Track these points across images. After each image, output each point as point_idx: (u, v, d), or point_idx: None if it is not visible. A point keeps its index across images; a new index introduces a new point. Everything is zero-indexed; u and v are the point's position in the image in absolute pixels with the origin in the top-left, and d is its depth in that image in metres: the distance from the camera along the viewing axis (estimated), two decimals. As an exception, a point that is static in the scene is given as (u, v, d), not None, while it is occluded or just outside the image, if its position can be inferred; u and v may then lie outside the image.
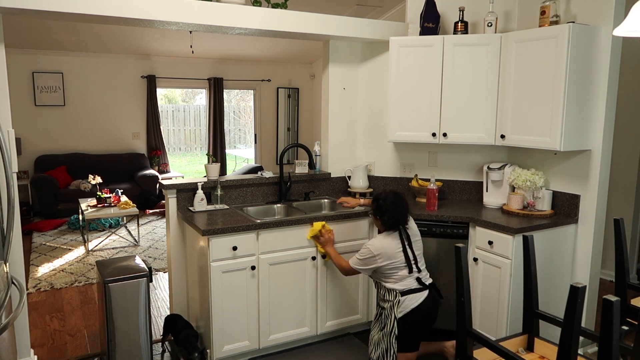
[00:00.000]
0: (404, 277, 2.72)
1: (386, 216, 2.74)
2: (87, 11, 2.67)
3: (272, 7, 3.24)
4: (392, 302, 2.74)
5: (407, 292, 2.71)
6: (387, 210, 2.73)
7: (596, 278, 3.17)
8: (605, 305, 1.60)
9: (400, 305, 2.71)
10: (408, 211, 2.79)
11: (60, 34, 6.51)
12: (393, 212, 2.72)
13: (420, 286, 2.74)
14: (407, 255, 2.72)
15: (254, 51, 8.04)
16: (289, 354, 3.19)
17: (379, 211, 2.77)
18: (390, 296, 2.75)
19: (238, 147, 12.72)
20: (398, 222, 2.74)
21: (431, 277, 3.31)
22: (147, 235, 6.04)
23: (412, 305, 2.70)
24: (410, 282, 2.73)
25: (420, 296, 2.72)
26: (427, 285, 2.77)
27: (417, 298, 2.71)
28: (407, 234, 2.77)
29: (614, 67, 2.94)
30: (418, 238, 2.84)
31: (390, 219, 2.73)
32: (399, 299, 2.71)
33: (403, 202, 2.78)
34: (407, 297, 2.70)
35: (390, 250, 2.71)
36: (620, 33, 1.96)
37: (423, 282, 2.76)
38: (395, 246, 2.72)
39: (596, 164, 3.01)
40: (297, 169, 3.85)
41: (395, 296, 2.72)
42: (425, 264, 2.86)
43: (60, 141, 7.44)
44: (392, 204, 2.73)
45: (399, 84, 3.46)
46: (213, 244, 2.83)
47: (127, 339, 2.79)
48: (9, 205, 2.35)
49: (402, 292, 2.71)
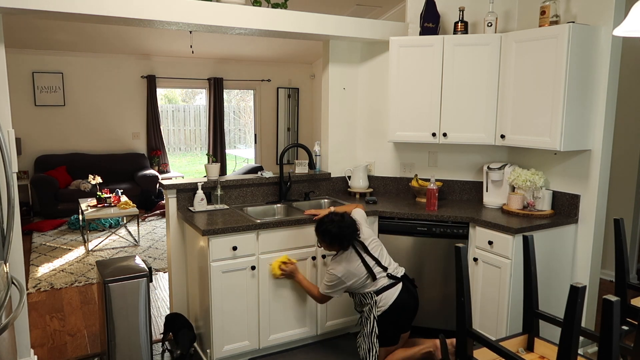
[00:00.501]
0: (374, 281, 2.76)
1: (335, 241, 2.76)
2: (87, 11, 2.67)
3: (272, 7, 3.24)
4: (369, 304, 2.77)
5: (381, 290, 2.75)
6: (344, 236, 2.74)
7: (596, 278, 3.17)
8: (605, 305, 1.60)
9: (377, 304, 2.74)
10: (354, 226, 2.78)
11: (60, 34, 6.51)
12: (348, 236, 2.74)
13: (392, 281, 2.77)
14: (367, 266, 2.75)
15: (254, 51, 8.04)
16: (289, 354, 3.19)
17: (335, 239, 2.76)
18: (366, 299, 2.78)
19: (238, 147, 12.72)
20: (348, 242, 2.76)
21: (430, 277, 3.31)
22: (147, 235, 6.04)
23: (389, 302, 2.73)
24: (382, 282, 2.76)
25: (394, 291, 2.75)
26: (400, 278, 2.80)
27: (393, 293, 2.74)
28: (361, 244, 2.80)
29: (614, 67, 2.94)
30: (373, 237, 2.87)
31: (340, 241, 2.75)
32: (375, 299, 2.75)
33: (344, 221, 2.76)
34: (383, 295, 2.74)
35: (353, 268, 2.75)
36: (620, 33, 1.96)
37: (394, 276, 2.78)
38: (355, 262, 2.75)
39: (596, 164, 3.01)
40: (297, 169, 3.85)
41: (371, 297, 2.75)
42: (388, 255, 2.88)
43: (60, 141, 7.44)
44: (346, 228, 2.74)
45: (399, 84, 3.46)
46: (213, 244, 2.83)
47: (127, 339, 2.79)
48: (9, 205, 2.35)
49: (376, 292, 2.74)
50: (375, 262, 2.78)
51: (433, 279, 3.31)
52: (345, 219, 2.77)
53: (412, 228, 3.30)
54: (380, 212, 3.34)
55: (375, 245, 2.85)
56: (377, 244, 2.87)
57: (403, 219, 3.31)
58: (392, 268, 2.82)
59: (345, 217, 2.78)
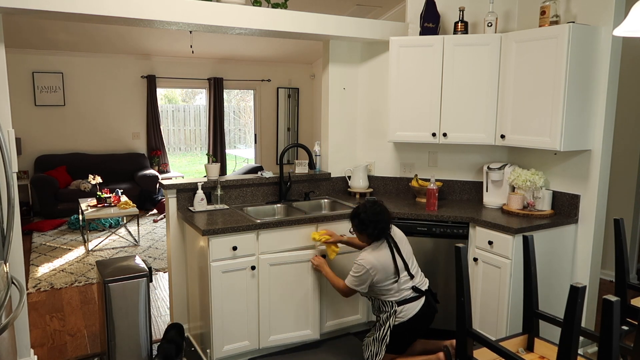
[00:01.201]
0: (399, 289, 2.70)
1: (370, 228, 2.70)
2: (87, 11, 2.67)
3: (272, 7, 3.24)
4: (388, 312, 2.73)
5: (403, 302, 2.69)
6: (370, 222, 2.69)
7: (596, 278, 3.17)
8: (605, 305, 1.60)
9: (397, 315, 2.70)
10: (390, 218, 2.75)
11: (60, 34, 6.51)
12: (375, 222, 2.69)
13: (416, 294, 2.72)
14: (396, 264, 2.69)
15: (254, 51, 8.04)
16: (289, 354, 3.19)
17: (361, 225, 2.72)
18: (386, 307, 2.74)
19: (238, 147, 12.72)
20: (383, 230, 2.71)
21: (430, 277, 3.31)
22: (147, 235, 6.04)
23: (409, 314, 2.69)
24: (406, 293, 2.70)
25: (416, 305, 2.71)
26: (424, 292, 2.75)
27: (414, 307, 2.70)
28: (394, 241, 2.75)
29: (614, 67, 2.94)
30: (405, 242, 2.82)
31: (375, 230, 2.70)
32: (395, 309, 2.70)
33: (383, 209, 2.74)
34: (404, 307, 2.69)
35: (382, 260, 2.68)
36: (620, 33, 1.96)
37: (419, 289, 2.74)
38: (386, 256, 2.69)
39: (596, 164, 3.01)
40: (297, 169, 3.85)
41: (392, 306, 2.71)
42: (418, 267, 2.84)
43: (60, 141, 7.44)
44: (373, 214, 2.69)
45: (399, 84, 3.46)
46: (213, 244, 2.83)
47: (127, 339, 2.79)
48: (9, 205, 2.35)
49: (398, 302, 2.69)
50: (404, 265, 2.71)
51: (433, 279, 3.31)
52: (382, 207, 2.72)
53: (412, 228, 3.30)
54: (380, 212, 3.34)
55: (407, 250, 2.79)
56: (409, 249, 2.80)
57: (403, 219, 3.31)
58: (418, 279, 2.77)
59: (382, 206, 2.74)
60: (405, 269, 2.71)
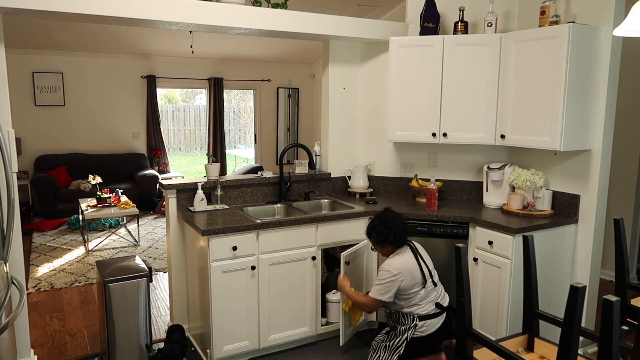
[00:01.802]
0: (424, 298, 2.61)
1: (390, 235, 2.63)
2: (87, 11, 2.67)
3: (272, 7, 3.24)
4: (408, 325, 2.62)
5: (426, 317, 2.61)
6: (387, 229, 2.63)
7: (596, 278, 3.17)
8: (605, 305, 1.60)
9: (416, 329, 2.60)
10: (404, 221, 2.71)
11: (60, 34, 6.51)
12: (392, 228, 2.63)
13: (438, 310, 2.64)
14: (422, 270, 2.61)
15: (254, 51, 8.04)
16: (289, 354, 3.19)
17: (380, 237, 2.65)
18: (406, 320, 2.63)
19: (238, 147, 12.72)
20: (403, 234, 2.65)
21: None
22: (147, 235, 6.04)
23: (429, 331, 2.61)
24: (429, 307, 2.61)
25: (438, 321, 2.63)
26: (445, 308, 2.68)
27: (435, 324, 2.62)
28: (415, 247, 2.70)
29: (614, 67, 2.94)
30: (424, 252, 2.78)
31: (397, 235, 2.63)
32: (416, 322, 2.60)
33: (395, 215, 2.70)
34: (425, 323, 2.60)
35: (409, 264, 2.59)
36: (620, 33, 1.96)
37: (441, 305, 2.66)
38: (412, 260, 2.61)
39: (596, 164, 3.01)
40: (297, 169, 3.85)
41: (413, 320, 2.60)
42: (439, 282, 2.76)
43: (60, 141, 7.44)
44: (387, 220, 2.64)
45: (399, 84, 3.46)
46: (213, 244, 2.83)
47: (127, 339, 2.79)
48: (9, 205, 2.35)
49: (420, 317, 2.60)
50: (429, 273, 2.65)
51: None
52: (397, 214, 2.66)
53: (412, 228, 3.30)
54: (380, 212, 3.34)
55: (429, 261, 2.73)
56: (429, 258, 2.75)
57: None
58: (440, 293, 2.69)
59: (386, 211, 2.69)
60: (430, 276, 2.65)
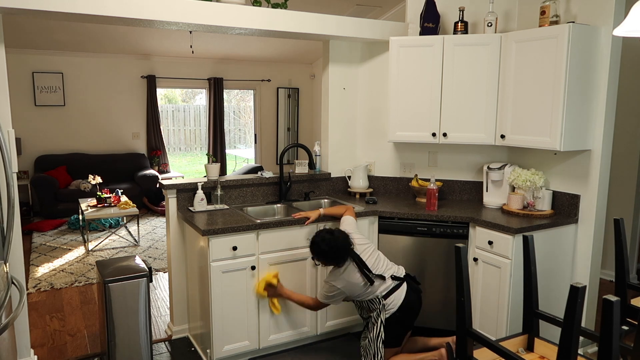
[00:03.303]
0: (378, 287, 2.73)
1: (336, 259, 2.72)
2: (87, 11, 2.67)
3: (272, 7, 3.24)
4: (377, 309, 2.75)
5: (388, 293, 2.73)
6: (331, 254, 2.70)
7: (596, 278, 3.17)
8: (605, 305, 1.60)
9: (386, 308, 2.73)
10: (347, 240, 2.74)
11: (60, 34, 6.51)
12: (331, 255, 2.70)
13: (397, 282, 2.76)
14: (366, 276, 2.72)
15: (254, 51, 8.04)
16: (289, 354, 3.19)
17: (328, 260, 2.74)
18: (374, 304, 2.75)
19: (238, 147, 12.72)
20: (343, 257, 2.72)
21: (430, 277, 3.31)
22: (147, 235, 6.04)
23: (397, 303, 2.72)
24: (386, 285, 2.74)
25: (401, 292, 2.74)
26: (403, 278, 2.78)
27: (400, 294, 2.73)
28: (357, 257, 2.75)
29: (614, 67, 2.94)
30: (367, 244, 2.83)
31: (334, 259, 2.72)
32: (383, 303, 2.72)
33: (335, 237, 2.72)
34: (390, 298, 2.72)
35: (353, 280, 2.72)
36: (620, 33, 1.96)
37: (397, 277, 2.77)
38: (354, 275, 2.72)
39: (596, 164, 3.01)
40: (297, 169, 3.85)
41: (379, 302, 2.73)
42: (386, 260, 2.84)
43: (60, 141, 7.44)
44: (330, 247, 2.69)
45: (399, 84, 3.46)
46: (213, 244, 2.83)
47: (127, 339, 2.79)
48: (9, 205, 2.35)
49: (384, 296, 2.72)
50: (373, 274, 2.74)
51: (433, 279, 3.31)
52: (336, 236, 2.72)
53: (412, 228, 3.30)
54: (380, 212, 3.34)
55: (371, 252, 2.82)
56: (372, 250, 2.84)
57: (403, 219, 3.31)
58: (392, 271, 2.81)
59: (336, 233, 2.74)
60: (375, 276, 2.74)
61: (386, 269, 2.80)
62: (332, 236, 2.72)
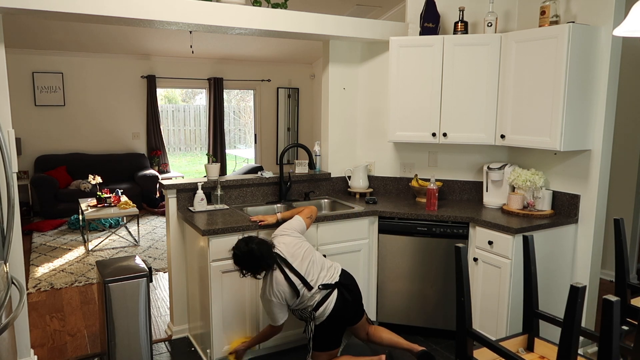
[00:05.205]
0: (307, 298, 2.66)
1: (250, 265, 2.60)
2: (87, 11, 2.67)
3: (271, 7, 3.24)
4: (308, 319, 2.73)
5: (318, 305, 2.66)
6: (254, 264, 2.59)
7: (596, 278, 3.17)
8: (605, 305, 1.60)
9: (316, 318, 2.69)
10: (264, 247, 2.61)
11: (60, 34, 6.51)
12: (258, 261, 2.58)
13: (326, 292, 2.67)
14: (292, 284, 2.63)
15: (254, 51, 8.04)
16: (289, 354, 3.19)
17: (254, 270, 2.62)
18: (305, 314, 2.73)
19: (238, 147, 12.72)
20: (267, 266, 2.62)
21: (430, 277, 3.31)
22: (147, 235, 6.04)
23: (326, 313, 2.66)
24: (315, 298, 2.66)
25: (330, 302, 2.66)
26: (334, 285, 2.69)
27: (329, 305, 2.66)
28: (283, 260, 2.66)
29: (614, 67, 2.94)
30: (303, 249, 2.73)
31: (259, 268, 2.61)
32: (313, 315, 2.68)
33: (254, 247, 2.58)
34: (320, 309, 2.66)
35: (280, 287, 2.63)
36: (620, 33, 1.96)
37: (328, 284, 2.68)
38: (281, 281, 2.63)
39: (596, 164, 3.01)
40: (297, 169, 3.85)
41: (310, 314, 2.69)
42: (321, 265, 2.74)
43: (60, 141, 7.44)
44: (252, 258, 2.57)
45: (398, 84, 3.46)
46: (213, 244, 2.83)
47: (127, 339, 2.79)
48: (9, 205, 2.35)
49: (314, 308, 2.67)
50: (301, 280, 2.65)
51: (433, 279, 3.31)
52: (250, 246, 2.59)
53: (412, 228, 3.30)
54: (380, 212, 3.34)
55: (303, 256, 2.71)
56: (304, 253, 2.72)
57: (403, 219, 3.31)
58: (323, 277, 2.70)
59: (254, 240, 2.62)
60: (303, 283, 2.65)
61: (319, 275, 2.70)
62: (247, 245, 2.60)
